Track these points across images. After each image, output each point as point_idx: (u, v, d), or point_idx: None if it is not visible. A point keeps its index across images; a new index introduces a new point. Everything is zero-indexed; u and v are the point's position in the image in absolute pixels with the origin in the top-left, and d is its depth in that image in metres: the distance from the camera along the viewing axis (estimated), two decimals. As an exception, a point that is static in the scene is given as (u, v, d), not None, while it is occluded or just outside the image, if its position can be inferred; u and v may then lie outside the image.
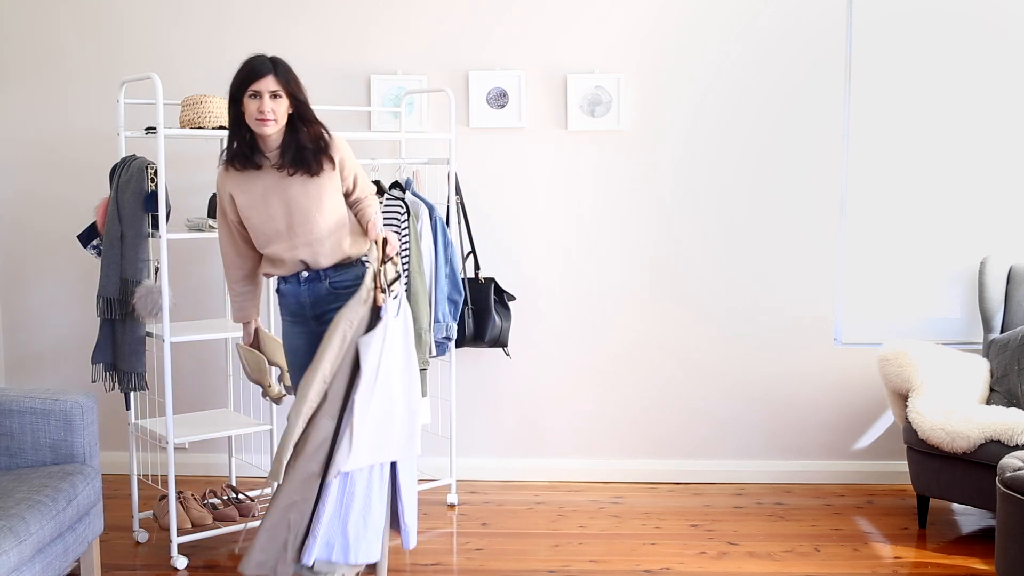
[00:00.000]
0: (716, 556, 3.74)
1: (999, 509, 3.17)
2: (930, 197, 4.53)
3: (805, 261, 4.52)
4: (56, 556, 2.98)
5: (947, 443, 3.76)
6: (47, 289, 4.61)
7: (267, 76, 3.10)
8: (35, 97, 4.54)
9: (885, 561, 3.71)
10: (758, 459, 4.62)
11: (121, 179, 3.65)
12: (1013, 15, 4.44)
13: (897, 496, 4.42)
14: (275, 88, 3.09)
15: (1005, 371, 4.13)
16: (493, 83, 4.46)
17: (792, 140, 4.48)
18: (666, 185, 4.52)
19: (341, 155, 3.22)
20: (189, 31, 4.47)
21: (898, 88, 4.48)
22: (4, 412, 3.25)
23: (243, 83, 3.09)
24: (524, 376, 4.60)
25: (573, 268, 4.57)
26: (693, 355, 4.59)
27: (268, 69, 3.10)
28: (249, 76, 3.10)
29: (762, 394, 4.59)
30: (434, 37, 4.48)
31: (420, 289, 3.97)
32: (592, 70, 4.45)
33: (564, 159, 4.52)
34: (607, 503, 4.33)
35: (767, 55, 4.45)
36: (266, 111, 3.08)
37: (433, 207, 4.09)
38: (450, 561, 3.71)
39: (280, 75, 3.12)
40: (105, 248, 3.69)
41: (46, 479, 3.06)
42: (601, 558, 3.72)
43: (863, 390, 4.54)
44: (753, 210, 4.51)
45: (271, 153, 3.17)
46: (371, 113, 4.49)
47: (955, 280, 4.55)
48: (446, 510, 4.23)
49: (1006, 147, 4.50)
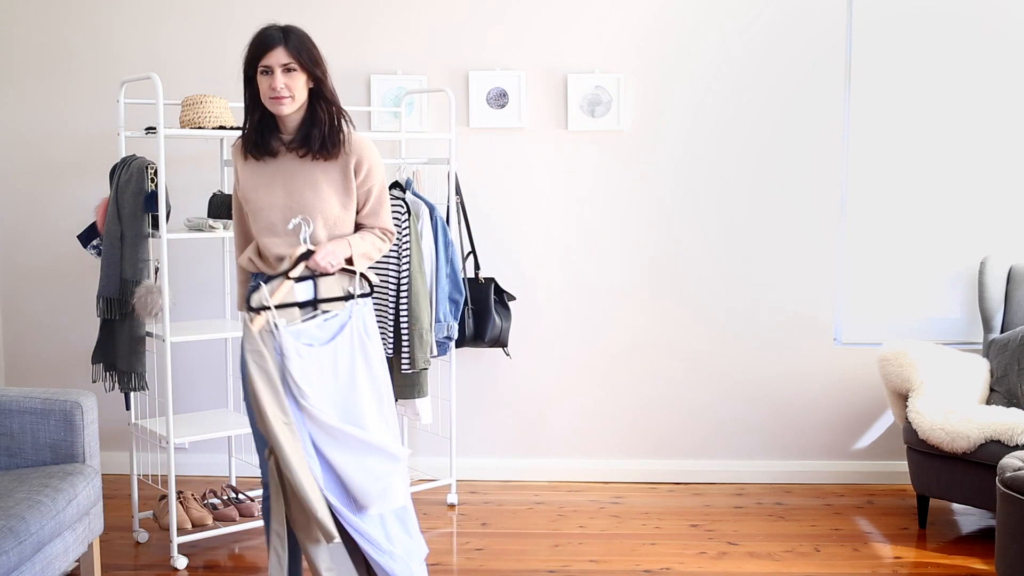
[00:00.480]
0: (716, 556, 3.74)
1: (999, 509, 3.17)
2: (930, 197, 4.53)
3: (805, 261, 4.52)
4: (56, 556, 2.98)
5: (947, 443, 3.76)
6: (47, 289, 4.61)
7: (277, 48, 2.79)
8: (35, 97, 4.54)
9: (885, 561, 3.71)
10: (758, 459, 4.62)
11: (121, 179, 3.65)
12: (1013, 15, 4.44)
13: (897, 496, 4.42)
14: (287, 61, 2.78)
15: (1005, 371, 4.13)
16: (493, 83, 4.46)
17: (792, 140, 4.48)
18: (666, 185, 4.52)
19: (360, 157, 2.90)
20: (189, 31, 4.47)
21: (898, 88, 4.48)
22: (4, 412, 3.25)
23: (253, 59, 2.82)
24: (524, 376, 4.60)
25: (573, 268, 4.57)
26: (693, 355, 4.59)
27: (278, 40, 2.80)
28: (258, 50, 2.81)
29: (762, 394, 4.59)
30: (434, 37, 4.48)
31: (421, 289, 3.97)
32: (592, 70, 4.45)
33: (564, 159, 4.52)
34: (607, 503, 4.34)
35: (767, 55, 4.45)
36: (278, 87, 2.78)
37: (433, 207, 4.09)
38: (450, 561, 3.71)
39: (292, 46, 2.80)
40: (105, 248, 3.69)
41: (46, 479, 3.05)
42: (601, 558, 3.72)
43: (863, 390, 4.54)
44: (753, 210, 4.51)
45: (288, 136, 2.89)
46: (371, 113, 4.49)
47: (955, 280, 4.55)
48: (446, 510, 4.23)
49: (1006, 147, 4.50)
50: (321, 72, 2.85)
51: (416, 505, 4.26)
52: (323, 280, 2.86)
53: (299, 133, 2.86)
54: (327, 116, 2.85)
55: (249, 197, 2.92)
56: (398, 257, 3.97)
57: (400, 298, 3.96)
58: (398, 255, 3.96)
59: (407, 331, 3.94)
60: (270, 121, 2.88)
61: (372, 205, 2.97)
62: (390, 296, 3.98)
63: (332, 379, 2.85)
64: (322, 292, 2.87)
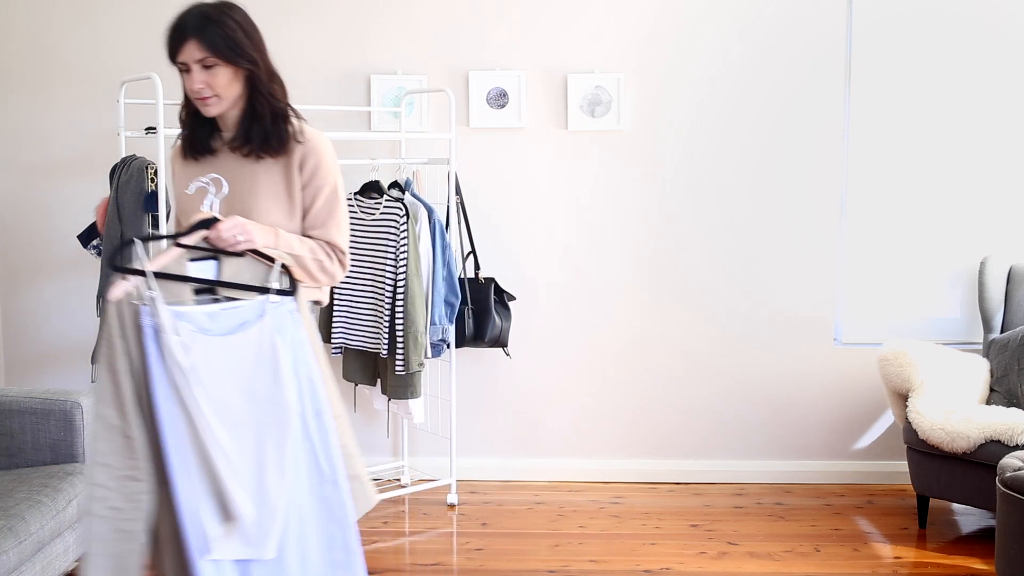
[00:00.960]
0: (716, 556, 3.74)
1: (999, 509, 3.17)
2: (930, 197, 4.52)
3: (805, 261, 4.52)
4: (56, 556, 2.99)
5: (947, 443, 3.76)
6: (47, 289, 4.61)
7: (188, 42, 2.32)
8: (35, 97, 4.54)
9: (885, 561, 3.71)
10: (758, 459, 4.62)
11: (121, 179, 3.65)
12: (1013, 15, 4.44)
13: (897, 496, 4.42)
14: (201, 56, 2.32)
15: (1005, 371, 4.13)
16: (493, 83, 4.46)
17: (792, 140, 4.48)
18: (666, 185, 4.52)
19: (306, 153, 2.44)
20: (189, 31, 4.47)
21: (898, 88, 4.48)
22: (4, 412, 3.25)
23: (170, 56, 2.38)
24: (524, 376, 4.60)
25: (573, 268, 4.57)
26: (693, 355, 4.59)
27: (190, 31, 2.32)
28: (170, 45, 2.36)
29: (762, 394, 4.59)
30: (434, 37, 4.48)
31: (417, 291, 3.98)
32: (592, 70, 4.45)
33: (564, 159, 4.52)
34: (607, 503, 4.34)
35: (767, 55, 4.45)
36: (196, 88, 2.35)
37: (432, 209, 4.09)
38: (450, 561, 3.71)
39: (208, 38, 2.32)
40: (105, 248, 3.69)
41: (46, 479, 3.06)
42: (601, 558, 3.72)
43: (863, 390, 4.54)
44: (753, 210, 4.51)
45: (228, 133, 2.48)
46: (371, 113, 4.49)
47: (955, 280, 4.55)
48: (446, 510, 4.23)
49: (1006, 147, 4.50)
50: (251, 61, 2.38)
51: (416, 505, 4.28)
52: (229, 262, 2.25)
53: (239, 130, 2.45)
54: (268, 110, 2.42)
55: (182, 202, 2.53)
56: (395, 258, 3.97)
57: (396, 299, 3.96)
58: (395, 256, 3.97)
59: (402, 333, 3.94)
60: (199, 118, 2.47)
61: (318, 211, 2.47)
62: (386, 297, 3.99)
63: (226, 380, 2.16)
64: (226, 276, 2.25)
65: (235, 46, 2.35)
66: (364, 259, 4.09)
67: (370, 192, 4.11)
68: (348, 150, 4.44)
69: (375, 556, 3.73)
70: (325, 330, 4.21)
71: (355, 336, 4.13)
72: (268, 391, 2.20)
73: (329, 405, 2.30)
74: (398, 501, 4.31)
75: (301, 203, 2.46)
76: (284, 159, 2.45)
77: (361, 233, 4.09)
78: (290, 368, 2.23)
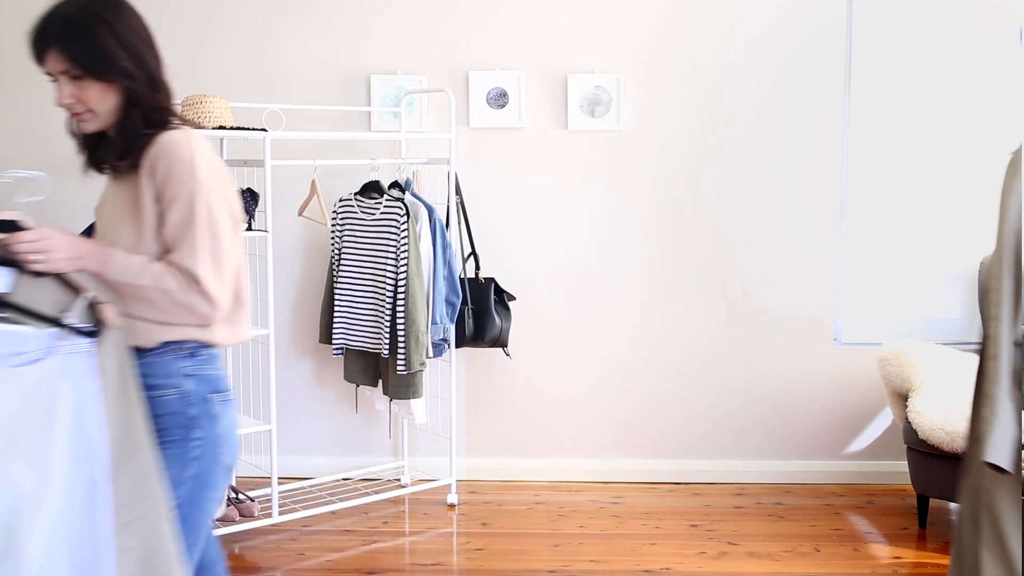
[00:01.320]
0: (716, 556, 3.74)
1: (999, 509, 3.16)
2: (930, 197, 4.53)
3: (805, 261, 4.52)
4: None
5: (947, 443, 3.76)
6: (47, 289, 4.60)
7: (49, 52, 1.99)
8: (35, 97, 4.53)
9: (885, 561, 3.71)
10: (758, 459, 4.62)
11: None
12: (1013, 15, 4.44)
13: (897, 496, 4.42)
14: (64, 67, 1.96)
15: (1005, 371, 4.13)
16: (493, 83, 4.46)
17: (792, 140, 4.48)
18: (666, 185, 4.52)
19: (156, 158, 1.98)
20: (189, 31, 4.47)
21: (898, 88, 4.48)
22: None
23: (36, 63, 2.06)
24: (524, 376, 4.60)
25: (573, 268, 4.57)
26: (693, 355, 4.59)
27: (49, 39, 1.98)
28: (32, 53, 2.06)
29: (762, 394, 4.59)
30: (434, 37, 4.48)
31: (418, 291, 3.98)
32: (592, 70, 4.45)
33: (564, 159, 4.52)
34: (607, 503, 4.34)
35: (767, 55, 4.45)
36: (65, 102, 2.01)
37: (432, 209, 4.09)
38: (450, 561, 3.71)
39: (69, 48, 1.95)
40: None
41: (46, 479, 3.05)
42: (601, 558, 3.72)
43: (863, 390, 4.54)
44: (753, 210, 4.51)
45: None
46: (371, 113, 4.49)
47: (955, 280, 4.55)
48: (446, 510, 4.23)
49: (1006, 147, 4.49)
50: (124, 74, 1.98)
51: (416, 505, 4.28)
52: (26, 280, 1.87)
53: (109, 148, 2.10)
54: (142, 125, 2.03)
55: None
56: (396, 258, 3.97)
57: (397, 299, 3.96)
58: (396, 256, 3.97)
59: (403, 332, 3.94)
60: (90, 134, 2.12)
61: (172, 227, 1.96)
62: (387, 297, 3.99)
63: None
64: (17, 295, 1.85)
65: (103, 57, 1.96)
66: (365, 259, 4.09)
67: (370, 192, 4.11)
68: (348, 150, 4.45)
69: (375, 556, 3.73)
70: (326, 331, 4.22)
71: (356, 336, 4.13)
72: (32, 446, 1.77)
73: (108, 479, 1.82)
74: (398, 501, 4.31)
75: (154, 217, 1.99)
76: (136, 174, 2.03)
77: (361, 233, 4.09)
78: (67, 424, 1.79)
